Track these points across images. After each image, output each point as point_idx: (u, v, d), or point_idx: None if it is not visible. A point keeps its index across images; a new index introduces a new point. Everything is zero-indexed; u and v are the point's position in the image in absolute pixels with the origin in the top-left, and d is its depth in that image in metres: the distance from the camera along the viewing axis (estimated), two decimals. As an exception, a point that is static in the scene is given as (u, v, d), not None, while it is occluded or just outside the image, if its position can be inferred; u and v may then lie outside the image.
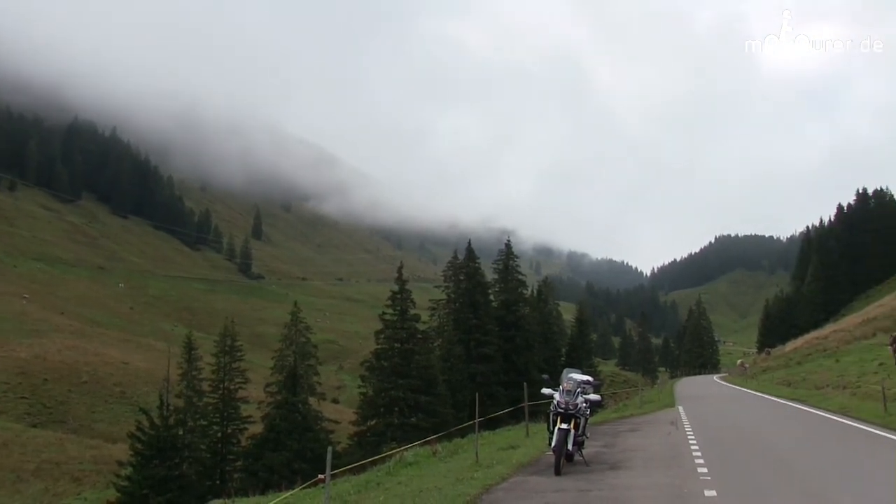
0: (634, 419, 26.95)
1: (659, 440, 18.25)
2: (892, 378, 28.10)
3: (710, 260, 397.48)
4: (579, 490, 11.14)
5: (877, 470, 12.48)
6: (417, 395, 47.51)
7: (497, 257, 74.62)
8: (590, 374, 16.61)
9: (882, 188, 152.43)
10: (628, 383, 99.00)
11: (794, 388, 37.88)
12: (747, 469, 12.87)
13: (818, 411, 24.63)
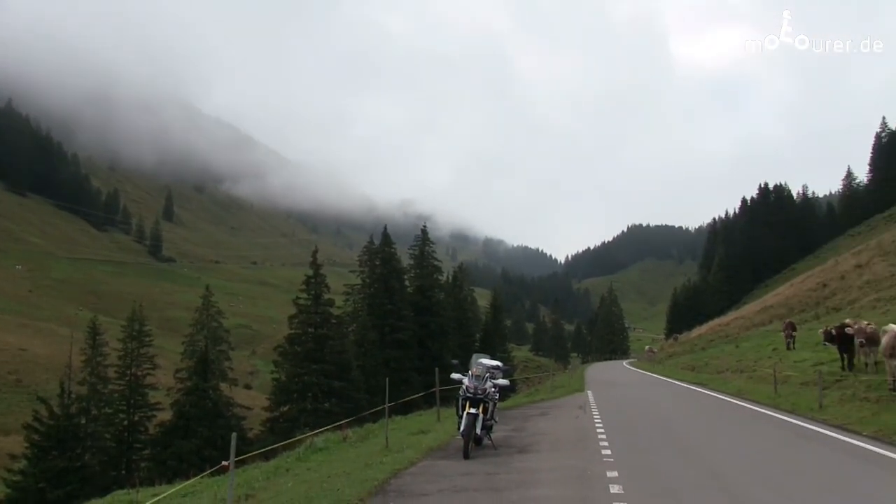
0: (544, 404, 27.49)
1: (567, 424, 18.70)
2: (784, 362, 29.48)
3: (622, 249, 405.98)
4: (486, 473, 11.35)
5: (763, 444, 13.15)
6: (331, 380, 47.28)
7: (413, 243, 74.63)
8: (501, 360, 16.88)
9: (781, 184, 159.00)
10: (541, 369, 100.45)
11: (697, 373, 39.25)
12: (649, 450, 13.30)
13: (717, 394, 25.67)
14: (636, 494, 9.12)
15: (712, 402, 23.60)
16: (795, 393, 21.22)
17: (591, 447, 13.60)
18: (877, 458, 11.36)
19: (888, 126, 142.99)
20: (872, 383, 18.27)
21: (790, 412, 17.92)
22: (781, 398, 20.63)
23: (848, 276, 61.03)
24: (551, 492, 9.78)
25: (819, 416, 16.52)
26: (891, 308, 38.60)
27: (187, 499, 13.29)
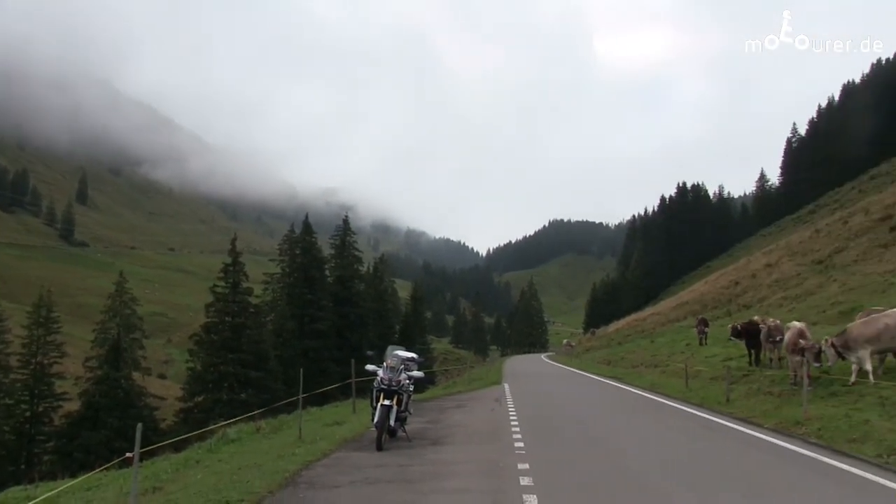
0: (461, 396, 27.62)
1: (482, 416, 18.82)
2: (696, 357, 30.30)
3: (543, 243, 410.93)
4: (399, 465, 11.33)
5: (672, 437, 13.47)
6: (248, 370, 46.71)
7: (335, 232, 74.12)
8: (419, 352, 16.88)
9: (699, 183, 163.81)
10: (460, 361, 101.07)
11: (613, 367, 39.98)
12: (561, 443, 13.49)
13: (631, 388, 26.17)
14: (545, 486, 9.23)
15: (626, 395, 24.05)
16: (705, 387, 21.82)
17: (504, 439, 13.70)
18: (776, 448, 11.80)
19: (798, 132, 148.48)
20: (776, 378, 18.90)
21: (699, 405, 18.43)
22: (692, 392, 21.19)
23: (758, 274, 63.02)
24: (463, 483, 9.82)
25: (726, 409, 17.05)
26: (797, 306, 40.00)
27: (90, 492, 12.87)
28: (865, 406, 13.67)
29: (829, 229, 63.73)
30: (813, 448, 11.50)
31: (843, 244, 53.33)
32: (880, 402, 13.55)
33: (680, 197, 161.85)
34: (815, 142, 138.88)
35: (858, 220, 58.05)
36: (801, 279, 49.57)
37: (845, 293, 37.05)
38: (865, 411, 13.21)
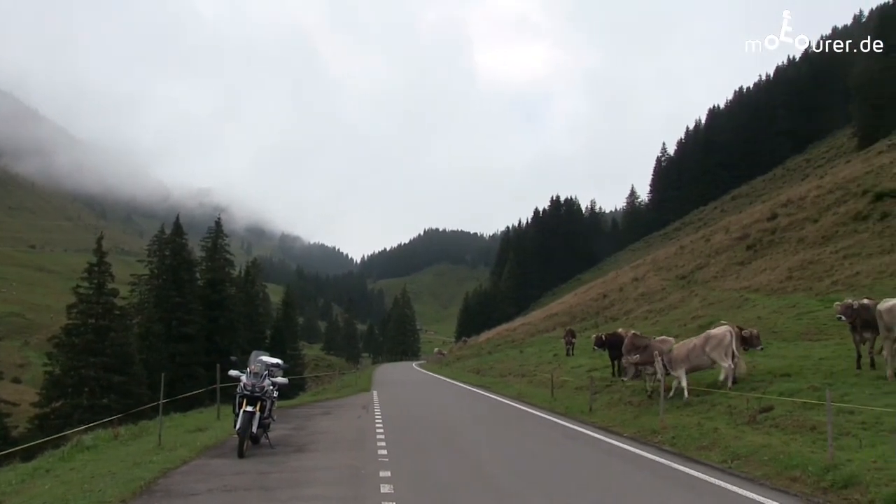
0: (329, 403, 27.36)
1: (348, 423, 18.69)
2: (562, 367, 31.06)
3: (417, 251, 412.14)
4: (260, 472, 11.12)
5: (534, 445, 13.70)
6: (111, 374, 44.90)
7: (207, 234, 72.17)
8: (291, 358, 16.59)
9: (572, 197, 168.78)
10: (331, 367, 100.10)
11: (482, 376, 40.45)
12: (425, 450, 13.53)
13: (498, 397, 26.56)
14: (405, 493, 9.25)
15: (493, 404, 24.36)
16: (570, 397, 22.36)
17: (368, 447, 13.64)
18: (632, 456, 12.23)
19: (667, 151, 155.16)
20: (636, 388, 19.57)
21: (564, 415, 18.88)
22: (557, 401, 21.67)
23: (626, 288, 65.24)
24: (322, 491, 9.71)
25: (588, 418, 17.53)
26: (660, 319, 41.63)
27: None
28: (716, 415, 14.33)
29: (693, 246, 66.65)
30: (666, 455, 11.99)
31: (704, 261, 55.84)
32: (729, 412, 14.23)
33: (553, 210, 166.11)
34: (682, 161, 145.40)
35: (719, 238, 60.95)
36: (665, 293, 51.60)
37: (705, 308, 38.79)
38: (715, 420, 13.85)
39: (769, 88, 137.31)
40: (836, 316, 15.76)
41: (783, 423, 12.44)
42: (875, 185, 45.07)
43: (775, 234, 49.93)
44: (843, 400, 12.27)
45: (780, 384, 15.12)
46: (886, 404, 11.57)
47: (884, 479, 8.39)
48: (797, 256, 41.38)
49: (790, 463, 9.81)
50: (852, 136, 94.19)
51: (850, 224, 41.73)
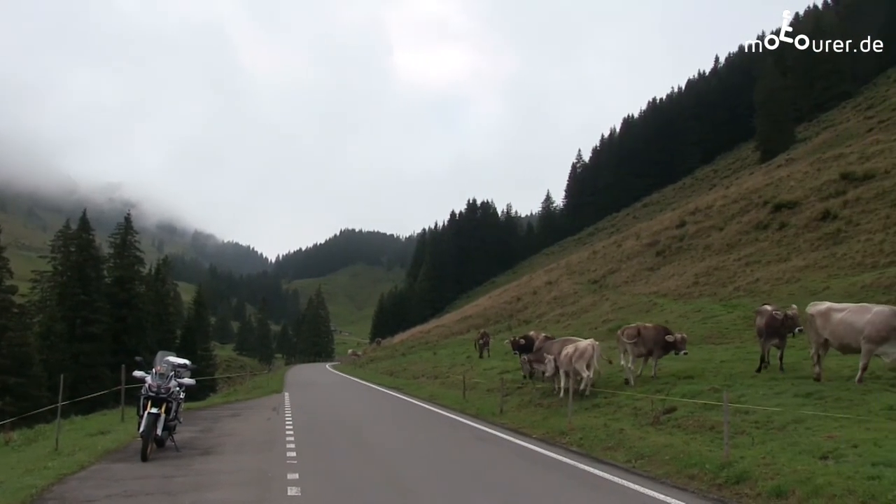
0: (239, 404, 26.91)
1: (258, 425, 18.41)
2: (474, 369, 31.30)
3: (333, 252, 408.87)
4: (164, 476, 10.83)
5: (444, 446, 13.77)
6: (6, 376, 43.24)
7: (116, 231, 70.08)
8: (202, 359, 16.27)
9: (488, 201, 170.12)
10: (243, 368, 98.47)
11: (395, 377, 40.41)
12: (335, 452, 13.42)
13: (411, 398, 26.56)
14: (313, 496, 9.18)
15: (405, 405, 24.36)
16: (481, 398, 22.53)
17: (277, 449, 13.46)
18: (541, 457, 12.39)
19: (583, 158, 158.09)
20: (546, 390, 19.87)
21: (475, 416, 19.00)
22: (469, 403, 21.81)
23: (539, 291, 66.16)
24: (228, 494, 9.53)
25: (499, 420, 17.68)
26: (572, 322, 42.36)
27: None
28: (622, 416, 14.68)
29: (605, 251, 68.06)
30: (573, 456, 12.19)
31: (616, 266, 57.10)
32: (634, 413, 14.60)
33: (469, 213, 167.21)
34: (597, 168, 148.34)
35: (630, 244, 62.40)
36: (577, 297, 52.51)
37: (615, 311, 39.67)
38: (621, 421, 14.18)
39: (681, 100, 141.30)
40: (797, 329, 15.67)
41: (685, 424, 12.83)
42: (774, 196, 46.94)
43: (683, 241, 51.42)
44: (740, 401, 12.71)
45: (683, 386, 15.57)
46: (777, 404, 12.14)
47: (770, 474, 8.78)
48: (703, 263, 42.71)
49: (689, 461, 10.12)
50: (756, 149, 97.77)
51: (751, 233, 43.32)
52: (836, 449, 9.26)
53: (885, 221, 33.09)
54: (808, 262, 32.89)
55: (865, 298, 23.33)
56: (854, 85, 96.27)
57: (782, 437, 10.47)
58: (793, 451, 9.60)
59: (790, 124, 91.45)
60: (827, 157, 52.55)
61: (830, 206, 39.01)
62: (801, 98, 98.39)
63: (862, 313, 12.84)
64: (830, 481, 7.92)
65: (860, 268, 28.86)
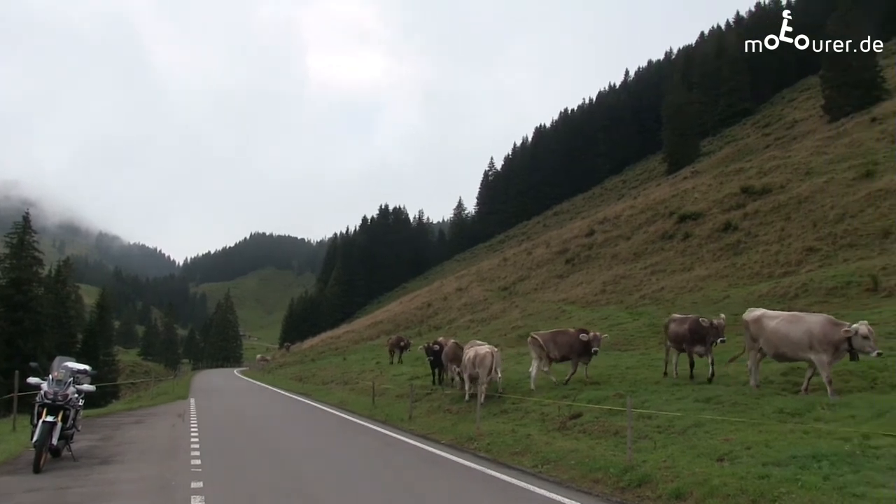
0: (143, 411, 26.22)
1: (162, 432, 17.96)
2: (384, 375, 31.24)
3: (243, 255, 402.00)
4: (58, 488, 10.41)
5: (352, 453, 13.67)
6: None
7: (12, 230, 67.24)
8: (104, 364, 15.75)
9: (401, 206, 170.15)
10: (148, 374, 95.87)
11: (304, 383, 40.04)
12: (241, 459, 13.17)
13: (320, 405, 26.36)
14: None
15: (314, 411, 24.14)
16: (391, 404, 22.50)
17: (181, 457, 13.15)
18: (449, 463, 12.44)
19: (495, 166, 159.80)
20: (455, 396, 19.97)
21: (384, 422, 18.98)
22: (378, 409, 21.77)
23: (450, 297, 66.44)
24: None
25: (408, 426, 17.69)
26: (482, 328, 42.67)
27: None
28: (529, 422, 14.87)
29: (516, 259, 68.83)
30: (482, 462, 12.29)
31: (526, 273, 57.81)
32: (541, 419, 14.81)
33: (382, 218, 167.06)
34: (508, 176, 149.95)
35: (541, 251, 63.29)
36: (487, 303, 52.95)
37: (525, 318, 40.15)
38: (529, 426, 14.36)
39: (592, 112, 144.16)
40: (720, 340, 15.21)
41: (590, 429, 13.09)
42: (679, 207, 48.37)
43: (592, 249, 52.45)
44: (643, 406, 13.06)
45: (590, 392, 15.86)
46: (679, 409, 12.53)
47: (670, 476, 9.08)
48: (611, 271, 43.65)
49: (594, 466, 10.33)
50: (662, 161, 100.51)
51: (657, 242, 44.52)
52: (731, 451, 9.62)
53: (780, 234, 34.49)
54: (711, 271, 33.99)
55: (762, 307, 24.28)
56: (754, 103, 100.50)
57: (682, 441, 10.80)
58: (692, 453, 9.92)
59: (695, 138, 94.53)
60: (729, 171, 54.43)
61: (731, 218, 40.48)
62: (706, 113, 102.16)
63: (796, 323, 12.75)
64: (725, 482, 8.23)
65: (758, 277, 29.99)
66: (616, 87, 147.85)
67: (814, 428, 9.92)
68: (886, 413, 10.12)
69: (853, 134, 47.91)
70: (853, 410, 10.61)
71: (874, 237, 28.38)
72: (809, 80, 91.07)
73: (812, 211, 35.50)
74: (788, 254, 31.09)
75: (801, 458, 8.66)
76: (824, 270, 26.65)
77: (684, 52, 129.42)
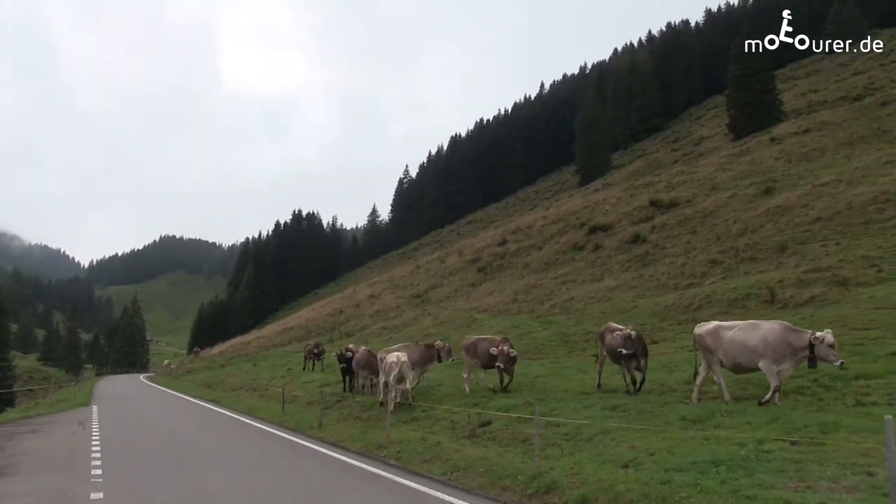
0: (41, 419, 25.34)
1: (61, 442, 17.39)
2: (295, 382, 30.93)
3: (152, 258, 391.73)
4: (-56, 502, 10.01)
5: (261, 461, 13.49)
6: None
7: None
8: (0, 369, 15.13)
9: (314, 212, 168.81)
10: (48, 380, 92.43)
11: (212, 390, 39.24)
12: (144, 468, 12.87)
13: (229, 412, 25.87)
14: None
15: (222, 419, 23.72)
16: (301, 412, 22.25)
17: (81, 467, 12.76)
18: (358, 471, 12.41)
19: (410, 174, 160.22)
20: (366, 403, 19.91)
21: (293, 430, 18.77)
22: (288, 416, 21.50)
23: (362, 304, 66.16)
24: (22, 517, 8.93)
25: (317, 433, 17.53)
26: (394, 336, 42.59)
27: None
28: (439, 429, 14.94)
29: (429, 266, 69.05)
30: (391, 469, 12.28)
31: (439, 281, 58.05)
32: (451, 426, 14.89)
33: (295, 223, 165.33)
34: (423, 185, 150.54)
35: (453, 260, 63.65)
36: (399, 311, 52.94)
37: (437, 326, 40.31)
38: (439, 434, 14.43)
39: (507, 122, 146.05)
40: (617, 349, 14.90)
41: (499, 437, 13.23)
42: (590, 219, 49.42)
43: (504, 258, 53.04)
44: (552, 414, 13.26)
45: (499, 400, 16.02)
46: (586, 417, 12.78)
47: (577, 483, 9.28)
48: (522, 280, 44.22)
49: (503, 473, 10.45)
50: (575, 173, 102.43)
51: (568, 253, 45.34)
52: (635, 458, 9.88)
53: (686, 246, 35.59)
54: (620, 282, 34.78)
55: (668, 318, 25.06)
56: (664, 118, 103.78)
57: (589, 448, 11.03)
58: (598, 460, 10.14)
59: (607, 151, 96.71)
60: (638, 185, 55.84)
61: (640, 231, 41.55)
62: (618, 127, 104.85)
63: (752, 331, 12.42)
64: (629, 488, 8.46)
65: (664, 289, 30.83)
66: (531, 100, 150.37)
67: (713, 434, 10.27)
68: (779, 419, 10.57)
69: (755, 152, 49.86)
70: (750, 417, 11.03)
71: (772, 251, 29.54)
72: (716, 99, 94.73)
73: (716, 225, 36.77)
74: (693, 266, 32.06)
75: (700, 463, 8.98)
76: (726, 282, 27.57)
77: (598, 68, 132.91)
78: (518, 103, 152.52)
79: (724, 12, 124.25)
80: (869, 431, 9.15)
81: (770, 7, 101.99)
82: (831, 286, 22.35)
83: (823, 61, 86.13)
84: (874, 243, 25.71)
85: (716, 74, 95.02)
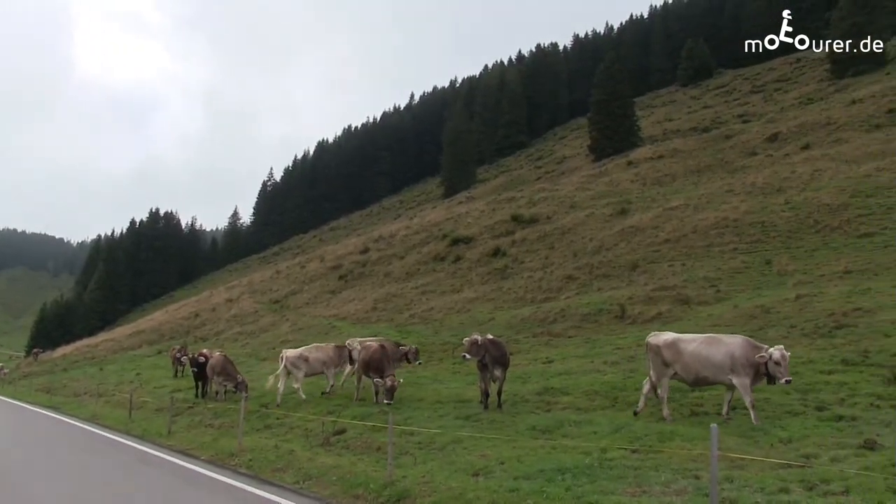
0: None
1: None
2: (144, 387, 29.87)
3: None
4: None
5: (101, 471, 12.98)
6: None
7: None
8: None
9: (172, 211, 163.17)
10: None
11: (52, 395, 37.22)
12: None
13: (70, 419, 24.65)
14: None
15: (62, 426, 22.57)
16: (149, 418, 21.46)
17: None
18: (208, 480, 12.10)
19: (274, 177, 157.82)
20: (219, 410, 19.44)
21: (140, 438, 18.09)
22: (135, 423, 20.68)
23: (219, 308, 64.46)
24: None
25: (166, 441, 16.97)
26: (250, 341, 41.83)
27: None
28: (293, 437, 14.79)
29: (289, 272, 68.10)
30: (243, 478, 12.02)
31: (299, 287, 57.33)
32: (305, 434, 14.78)
33: (151, 222, 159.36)
34: (287, 189, 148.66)
35: (314, 266, 63.07)
36: (257, 316, 51.94)
37: (295, 332, 39.79)
38: (292, 442, 14.28)
39: (375, 131, 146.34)
40: (460, 355, 14.81)
41: (353, 445, 13.23)
42: (453, 230, 50.19)
43: (366, 266, 53.02)
44: (406, 423, 13.37)
45: (355, 408, 16.04)
46: (440, 426, 12.99)
47: (428, 491, 9.39)
48: (383, 289, 44.32)
49: (356, 481, 10.43)
50: (440, 184, 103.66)
51: (430, 263, 45.82)
52: (486, 466, 10.12)
53: (544, 261, 36.68)
54: (479, 294, 35.41)
55: (524, 330, 25.75)
56: (529, 136, 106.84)
57: (442, 457, 11.19)
58: (450, 469, 10.30)
59: (472, 165, 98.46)
60: (501, 199, 57.11)
61: (501, 244, 42.50)
62: (484, 142, 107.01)
63: (715, 345, 11.92)
64: (479, 496, 8.65)
65: (521, 302, 31.63)
66: (400, 109, 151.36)
67: (561, 444, 10.65)
68: (623, 428, 11.09)
69: (612, 174, 52.04)
70: (595, 427, 11.52)
71: (624, 269, 30.89)
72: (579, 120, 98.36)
73: (573, 242, 38.09)
74: (550, 281, 33.05)
75: (547, 471, 9.30)
76: (580, 298, 28.59)
77: (468, 82, 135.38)
78: (387, 112, 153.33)
79: (591, 38, 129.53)
80: (700, 439, 9.88)
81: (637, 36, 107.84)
82: (675, 304, 23.62)
83: (678, 93, 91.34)
84: (714, 265, 27.41)
85: (580, 97, 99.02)
